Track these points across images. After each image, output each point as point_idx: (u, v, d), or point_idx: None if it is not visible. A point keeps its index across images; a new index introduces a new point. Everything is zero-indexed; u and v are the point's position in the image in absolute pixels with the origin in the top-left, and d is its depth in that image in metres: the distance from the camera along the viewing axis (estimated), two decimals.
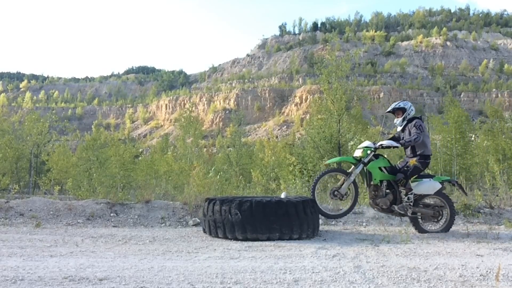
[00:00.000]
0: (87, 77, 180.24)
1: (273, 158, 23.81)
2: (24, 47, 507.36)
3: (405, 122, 5.98)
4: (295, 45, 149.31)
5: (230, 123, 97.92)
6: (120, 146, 22.40)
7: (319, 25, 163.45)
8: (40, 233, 5.56)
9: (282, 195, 6.08)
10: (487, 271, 3.54)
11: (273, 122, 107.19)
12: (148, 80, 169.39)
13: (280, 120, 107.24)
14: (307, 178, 10.69)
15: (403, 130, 5.99)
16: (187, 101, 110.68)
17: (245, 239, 5.14)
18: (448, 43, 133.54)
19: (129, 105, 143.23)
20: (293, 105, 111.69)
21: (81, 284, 3.03)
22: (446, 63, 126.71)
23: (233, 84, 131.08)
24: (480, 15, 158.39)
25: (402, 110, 6.01)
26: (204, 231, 5.65)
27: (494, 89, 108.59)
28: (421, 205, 5.91)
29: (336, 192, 5.70)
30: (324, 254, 4.28)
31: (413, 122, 5.87)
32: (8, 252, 4.20)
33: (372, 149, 5.78)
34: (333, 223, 6.86)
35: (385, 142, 5.82)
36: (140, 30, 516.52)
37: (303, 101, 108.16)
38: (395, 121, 6.10)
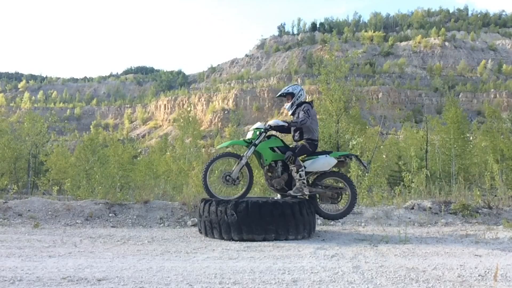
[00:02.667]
0: (85, 77, 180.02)
1: None
2: (23, 47, 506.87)
3: (294, 107, 5.96)
4: (293, 45, 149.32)
5: (229, 123, 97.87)
6: (119, 146, 22.38)
7: (317, 26, 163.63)
8: (39, 234, 5.55)
9: (278, 196, 6.07)
10: (485, 271, 3.55)
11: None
12: (146, 80, 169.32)
13: None
14: None
15: (293, 114, 5.96)
16: (185, 101, 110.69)
17: (241, 240, 5.14)
18: (446, 43, 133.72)
19: (128, 105, 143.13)
20: None
21: (80, 285, 3.02)
22: (444, 63, 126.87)
23: (232, 84, 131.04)
24: (479, 16, 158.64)
25: (291, 95, 6.00)
26: (200, 232, 5.65)
27: (492, 90, 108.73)
28: (320, 186, 5.84)
29: (228, 177, 5.61)
30: (322, 254, 4.29)
31: (302, 107, 5.85)
32: (7, 253, 4.19)
33: (262, 130, 5.71)
34: (331, 223, 6.86)
35: (272, 122, 5.78)
36: (139, 30, 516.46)
37: None
38: (285, 106, 6.09)
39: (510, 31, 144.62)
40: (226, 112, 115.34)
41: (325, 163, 5.78)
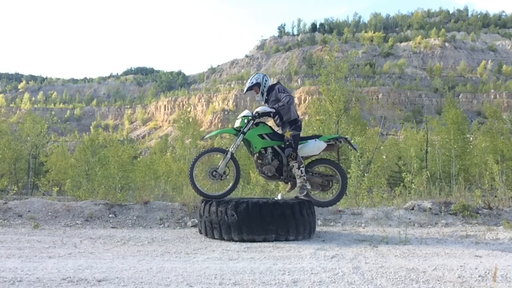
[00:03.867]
0: (85, 78, 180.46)
1: None
2: (23, 48, 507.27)
3: (265, 94, 5.93)
4: (293, 46, 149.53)
5: (229, 124, 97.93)
6: (119, 147, 22.39)
7: (317, 26, 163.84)
8: (39, 234, 5.55)
9: (279, 196, 6.06)
10: (485, 272, 3.55)
11: (271, 123, 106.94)
12: (146, 81, 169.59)
13: None
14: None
15: (267, 102, 5.91)
16: (185, 102, 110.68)
17: (241, 240, 5.13)
18: (446, 44, 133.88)
19: (128, 106, 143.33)
20: None
21: (80, 286, 3.02)
22: (444, 64, 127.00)
23: (232, 85, 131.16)
24: (479, 16, 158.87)
25: (258, 85, 5.96)
26: (200, 232, 5.65)
27: (492, 90, 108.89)
28: (311, 173, 5.81)
29: (214, 173, 5.58)
30: (323, 255, 4.28)
31: (276, 89, 5.80)
32: (7, 253, 4.19)
33: (249, 117, 5.67)
34: (331, 224, 6.86)
35: (260, 109, 5.71)
36: (139, 31, 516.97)
37: (302, 102, 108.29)
38: (256, 98, 6.05)
39: (510, 32, 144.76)
40: (226, 112, 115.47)
41: (314, 147, 5.76)
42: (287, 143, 5.63)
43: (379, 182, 10.73)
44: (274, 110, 5.70)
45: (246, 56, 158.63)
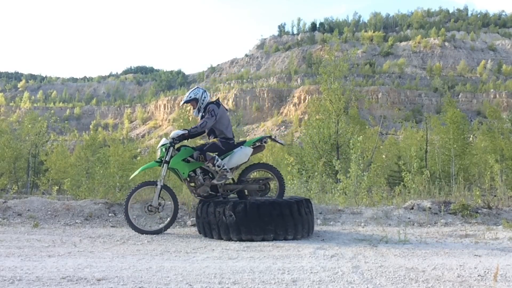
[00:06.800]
0: (85, 77, 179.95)
1: (271, 158, 23.90)
2: (22, 47, 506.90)
3: (202, 111, 5.78)
4: (293, 45, 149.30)
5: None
6: (119, 146, 22.38)
7: (317, 26, 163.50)
8: (38, 233, 5.55)
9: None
10: (485, 271, 3.55)
11: (271, 122, 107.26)
12: (146, 80, 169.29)
13: (279, 121, 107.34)
14: (305, 178, 10.71)
15: (202, 118, 5.76)
16: None
17: (240, 241, 5.13)
18: (446, 43, 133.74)
19: (128, 105, 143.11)
20: (291, 105, 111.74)
21: (79, 285, 3.02)
22: (444, 63, 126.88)
23: (232, 84, 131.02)
24: (478, 16, 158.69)
25: (195, 100, 5.81)
26: (199, 232, 5.65)
27: (492, 90, 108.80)
28: (245, 181, 5.74)
29: (150, 207, 5.54)
30: (322, 254, 4.28)
31: (207, 108, 5.67)
32: (6, 252, 4.19)
33: (167, 145, 5.57)
34: (331, 223, 6.86)
35: (172, 134, 5.62)
36: (139, 30, 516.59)
37: (302, 101, 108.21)
38: (193, 113, 5.95)
39: (509, 31, 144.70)
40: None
41: (242, 154, 5.65)
42: (202, 145, 5.57)
43: (378, 181, 10.73)
44: (186, 132, 5.60)
45: (246, 55, 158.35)
